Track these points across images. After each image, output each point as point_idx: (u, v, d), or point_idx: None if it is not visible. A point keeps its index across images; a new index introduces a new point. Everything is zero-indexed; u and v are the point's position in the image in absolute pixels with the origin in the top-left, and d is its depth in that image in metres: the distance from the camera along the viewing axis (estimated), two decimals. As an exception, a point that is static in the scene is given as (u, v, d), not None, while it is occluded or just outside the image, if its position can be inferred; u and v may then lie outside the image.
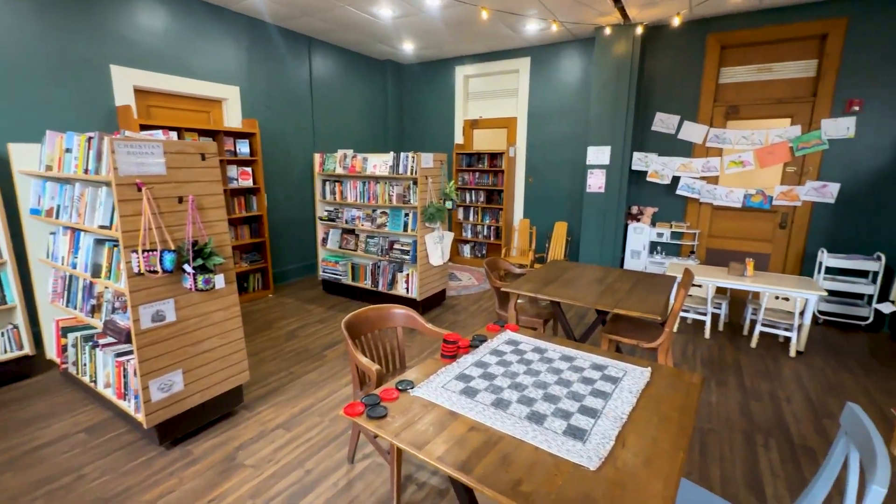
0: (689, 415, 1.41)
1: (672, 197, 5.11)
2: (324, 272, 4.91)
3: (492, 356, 1.81)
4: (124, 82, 3.76)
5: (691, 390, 1.56)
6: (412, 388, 1.54)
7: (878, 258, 3.97)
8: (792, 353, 3.47)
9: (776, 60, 4.49)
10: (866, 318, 4.04)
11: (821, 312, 4.23)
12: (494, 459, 1.19)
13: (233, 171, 4.45)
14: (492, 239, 6.29)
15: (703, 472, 2.17)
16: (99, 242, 2.33)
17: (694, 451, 2.32)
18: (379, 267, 4.50)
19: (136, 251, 2.00)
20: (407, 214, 4.26)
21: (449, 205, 4.28)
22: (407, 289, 4.36)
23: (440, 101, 6.61)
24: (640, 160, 5.02)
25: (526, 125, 5.94)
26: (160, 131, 2.24)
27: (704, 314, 3.89)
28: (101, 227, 2.18)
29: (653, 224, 5.20)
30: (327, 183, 4.78)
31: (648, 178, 5.04)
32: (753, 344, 3.65)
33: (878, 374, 3.22)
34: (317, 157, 4.74)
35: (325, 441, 2.39)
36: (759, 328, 3.62)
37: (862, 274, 4.18)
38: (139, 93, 3.96)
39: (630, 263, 5.19)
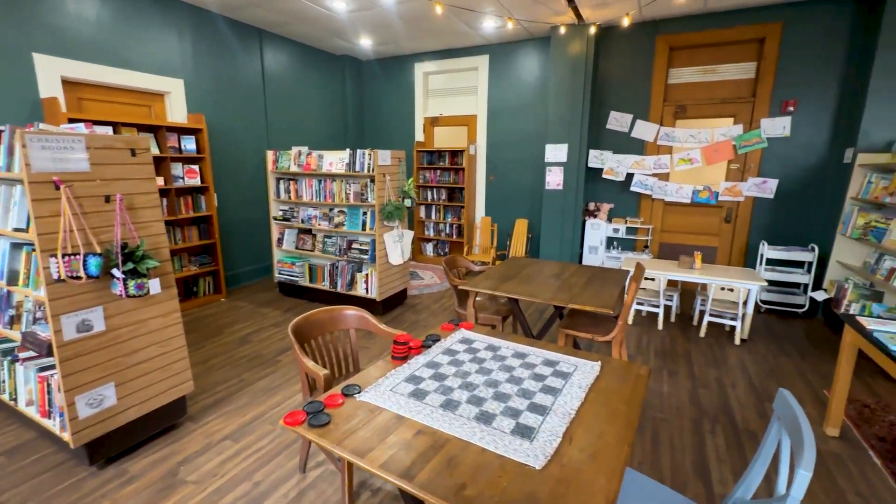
0: (635, 407, 1.42)
1: (627, 193, 5.26)
2: (280, 274, 4.73)
3: (444, 356, 1.77)
4: (50, 73, 3.46)
5: (639, 382, 1.58)
6: (359, 392, 1.48)
7: (812, 249, 4.23)
8: (737, 341, 3.65)
9: (720, 62, 4.70)
10: (803, 306, 4.31)
11: (763, 301, 4.47)
12: (440, 463, 1.15)
13: (178, 168, 4.20)
14: (454, 237, 6.27)
15: (654, 461, 2.23)
16: (15, 247, 2.11)
17: (647, 441, 2.38)
18: (337, 267, 4.38)
19: (56, 255, 1.83)
20: (365, 213, 4.17)
21: (408, 203, 4.22)
22: (367, 289, 4.26)
23: (400, 98, 6.52)
24: (596, 158, 5.14)
25: (486, 123, 5.96)
26: (82, 125, 2.06)
27: (657, 306, 4.02)
28: (17, 229, 1.98)
29: (609, 220, 5.34)
30: (281, 181, 4.60)
31: (604, 176, 5.16)
32: (702, 333, 3.80)
33: (813, 357, 3.43)
34: (269, 155, 4.55)
35: (276, 450, 2.28)
36: (707, 318, 3.78)
37: (798, 265, 4.45)
38: (69, 84, 3.65)
39: (588, 259, 5.31)
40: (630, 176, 5.12)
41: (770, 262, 4.53)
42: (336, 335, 2.18)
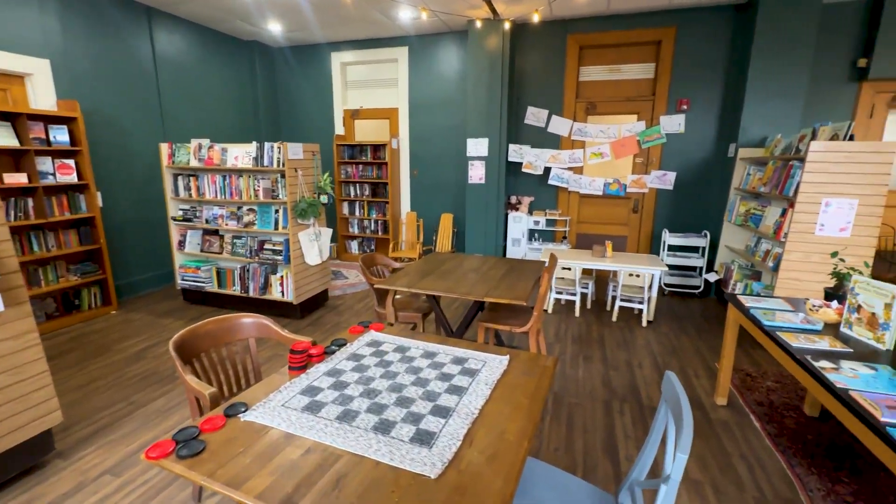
0: (538, 400, 1.42)
1: (546, 186, 5.45)
2: (183, 280, 4.28)
3: (348, 362, 1.66)
4: None
5: (544, 374, 1.59)
6: (244, 411, 1.33)
7: (705, 235, 4.67)
8: (644, 324, 3.91)
9: (624, 62, 5.00)
10: (699, 287, 4.75)
11: (666, 285, 4.86)
12: (327, 485, 1.04)
13: (46, 163, 3.61)
14: (380, 233, 6.11)
15: (569, 445, 2.29)
16: None
17: (562, 427, 2.44)
18: (248, 270, 4.05)
19: None
20: (277, 211, 3.88)
21: (324, 199, 4.00)
22: (283, 292, 3.99)
23: (317, 89, 6.19)
24: (516, 152, 5.25)
25: (408, 116, 5.85)
26: None
27: (574, 295, 4.20)
28: None
29: (530, 212, 5.50)
30: (180, 178, 4.15)
31: (524, 169, 5.30)
32: (614, 318, 4.04)
33: (707, 333, 3.78)
34: (164, 148, 4.08)
35: (165, 482, 2.02)
36: (618, 303, 4.02)
37: (695, 250, 4.88)
38: None
39: (511, 251, 5.43)
40: (548, 170, 5.31)
41: (671, 248, 4.93)
42: (234, 347, 1.97)
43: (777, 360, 1.99)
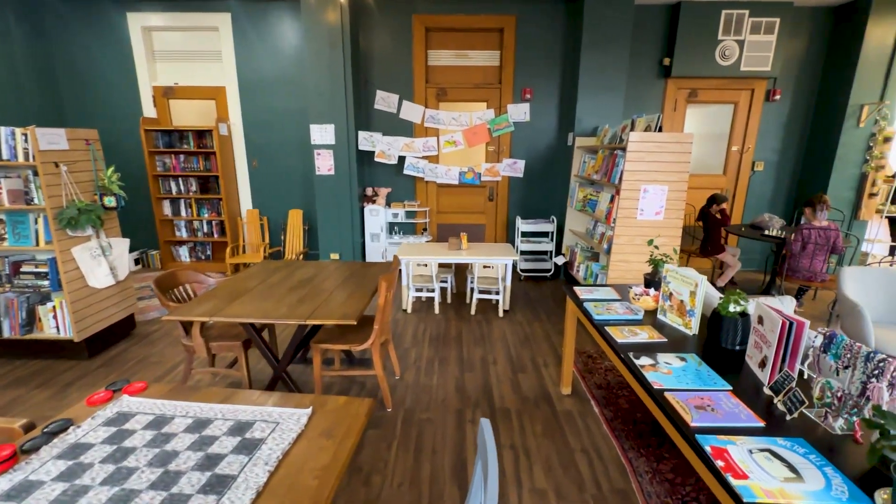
0: (330, 478, 1.08)
1: (403, 177, 5.16)
2: None
3: (57, 463, 1.11)
4: None
5: (351, 430, 1.26)
6: None
7: (553, 220, 4.90)
8: (500, 314, 3.92)
9: (471, 48, 4.91)
10: (550, 270, 4.99)
11: (522, 270, 5.01)
12: None
13: None
14: (215, 236, 5.19)
15: (414, 475, 2.04)
16: None
17: (410, 454, 2.19)
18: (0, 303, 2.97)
19: None
20: (37, 220, 2.88)
21: (109, 202, 3.10)
22: (58, 327, 3.02)
23: (112, 58, 4.91)
24: (366, 140, 4.84)
25: (238, 97, 4.99)
26: None
27: (433, 291, 4.02)
28: None
29: (388, 204, 5.17)
30: None
31: (376, 159, 4.93)
32: (473, 311, 3.97)
33: (557, 317, 3.92)
34: None
35: None
36: (476, 296, 3.95)
37: (545, 235, 5.11)
38: None
39: (371, 247, 5.06)
40: (402, 159, 5.02)
41: (524, 234, 5.08)
42: None
43: (608, 355, 1.98)
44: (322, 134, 4.61)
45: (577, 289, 2.50)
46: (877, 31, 4.36)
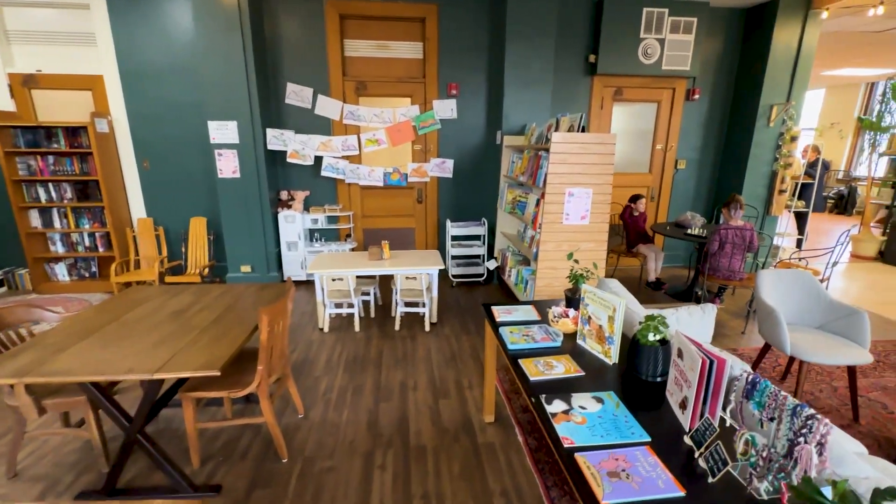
0: None
1: (322, 179, 4.71)
2: None
3: None
4: None
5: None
6: None
7: (484, 223, 4.68)
8: (427, 327, 3.63)
9: (391, 39, 4.54)
10: (483, 275, 4.78)
11: (454, 276, 4.76)
12: None
13: None
14: (100, 250, 4.47)
15: (304, 549, 1.70)
16: None
17: (300, 518, 1.84)
18: None
19: None
20: None
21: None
22: None
23: (-50, 38, 4.02)
24: (277, 138, 4.34)
25: (120, 87, 4.29)
26: None
27: (353, 307, 3.65)
28: None
29: (306, 209, 4.71)
30: None
31: (289, 159, 4.44)
32: (397, 326, 3.65)
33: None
34: None
35: None
36: (399, 309, 3.63)
37: (477, 238, 4.89)
38: None
39: (289, 257, 4.57)
40: (320, 159, 4.57)
41: (455, 238, 4.83)
42: None
43: (523, 395, 1.74)
44: (223, 132, 4.06)
45: (494, 308, 2.25)
46: (783, 35, 4.52)
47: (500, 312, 2.20)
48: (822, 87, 10.17)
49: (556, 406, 1.43)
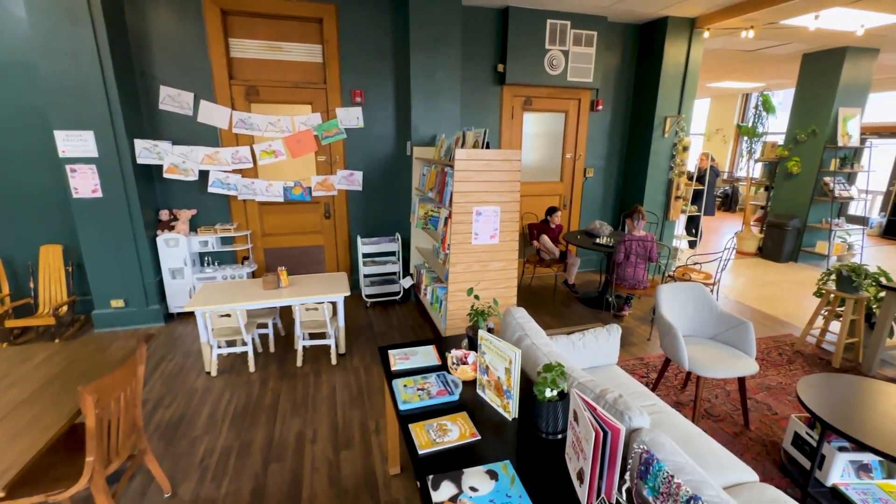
0: None
1: (212, 195, 4.16)
2: None
3: None
4: None
5: None
6: None
7: (397, 238, 4.43)
8: (334, 360, 3.30)
9: (285, 39, 4.12)
10: (399, 293, 4.53)
11: (368, 297, 4.46)
12: None
13: None
14: (-89, 291, 3.54)
15: None
16: None
17: None
18: None
19: None
20: None
21: None
22: None
23: None
24: (149, 150, 3.73)
25: (-71, 88, 3.42)
26: None
27: (246, 344, 3.21)
28: None
29: (193, 230, 4.13)
30: None
31: (167, 175, 3.85)
32: (300, 361, 3.28)
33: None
34: None
35: None
36: (301, 343, 3.27)
37: (391, 254, 4.63)
38: None
39: (174, 286, 3.97)
40: (206, 174, 4.02)
41: (367, 255, 4.53)
42: None
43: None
44: (75, 143, 3.39)
45: (392, 353, 2.02)
46: (672, 51, 4.80)
47: (398, 358, 1.97)
48: (708, 97, 11.28)
49: (444, 491, 1.23)
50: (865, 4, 3.91)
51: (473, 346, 1.95)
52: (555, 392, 1.42)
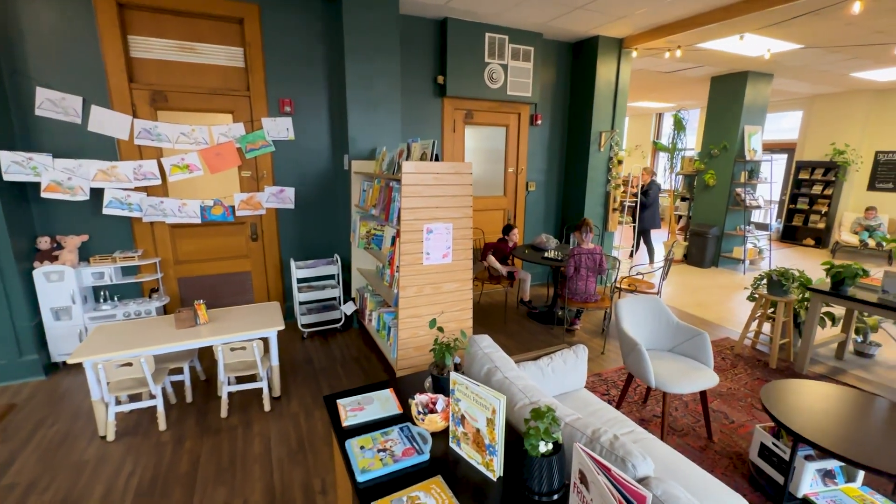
0: None
1: (109, 218, 3.50)
2: None
3: None
4: None
5: None
6: None
7: (336, 260, 4.04)
8: (267, 406, 2.83)
9: (200, 40, 3.63)
10: (340, 320, 4.12)
11: (305, 326, 3.99)
12: None
13: None
14: None
15: None
16: None
17: None
18: None
19: None
20: None
21: None
22: None
23: None
24: (20, 165, 3.04)
25: None
26: None
27: (155, 397, 2.65)
28: None
29: (85, 260, 3.44)
30: None
31: (45, 194, 3.17)
32: (225, 412, 2.77)
33: (345, 378, 3.07)
34: None
35: None
36: (225, 390, 2.76)
37: (330, 278, 4.22)
38: None
39: (57, 329, 3.25)
40: (100, 192, 3.38)
41: (303, 281, 4.08)
42: None
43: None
44: (-89, 156, 2.66)
45: (341, 404, 1.67)
46: (603, 69, 4.97)
47: (349, 409, 1.63)
48: (627, 116, 12.12)
49: None
50: (769, 31, 4.30)
51: (439, 386, 1.68)
52: (549, 445, 1.19)
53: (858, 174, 7.88)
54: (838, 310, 3.77)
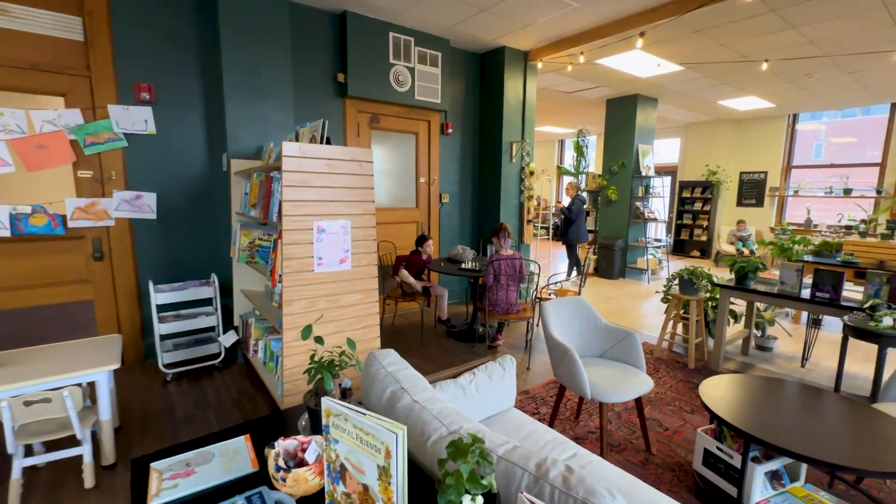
0: None
1: None
2: None
3: None
4: None
5: None
6: None
7: (213, 281, 3.29)
8: (90, 482, 2.01)
9: (14, 1, 2.81)
10: (219, 355, 3.33)
11: (169, 366, 3.13)
12: None
13: None
14: None
15: None
16: None
17: None
18: None
19: None
20: None
21: None
22: None
23: None
24: None
25: None
26: None
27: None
28: None
29: None
30: None
31: None
32: (16, 499, 1.89)
33: (218, 427, 2.34)
34: None
35: None
36: (19, 464, 1.90)
37: (204, 303, 3.43)
38: None
39: None
40: None
41: (167, 307, 3.25)
42: None
43: None
44: None
45: (156, 467, 1.07)
46: (511, 80, 4.94)
47: (167, 476, 1.03)
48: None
49: None
50: (656, 50, 4.58)
51: (317, 427, 1.15)
52: (478, 499, 0.74)
53: (728, 192, 8.91)
54: (739, 307, 3.91)
